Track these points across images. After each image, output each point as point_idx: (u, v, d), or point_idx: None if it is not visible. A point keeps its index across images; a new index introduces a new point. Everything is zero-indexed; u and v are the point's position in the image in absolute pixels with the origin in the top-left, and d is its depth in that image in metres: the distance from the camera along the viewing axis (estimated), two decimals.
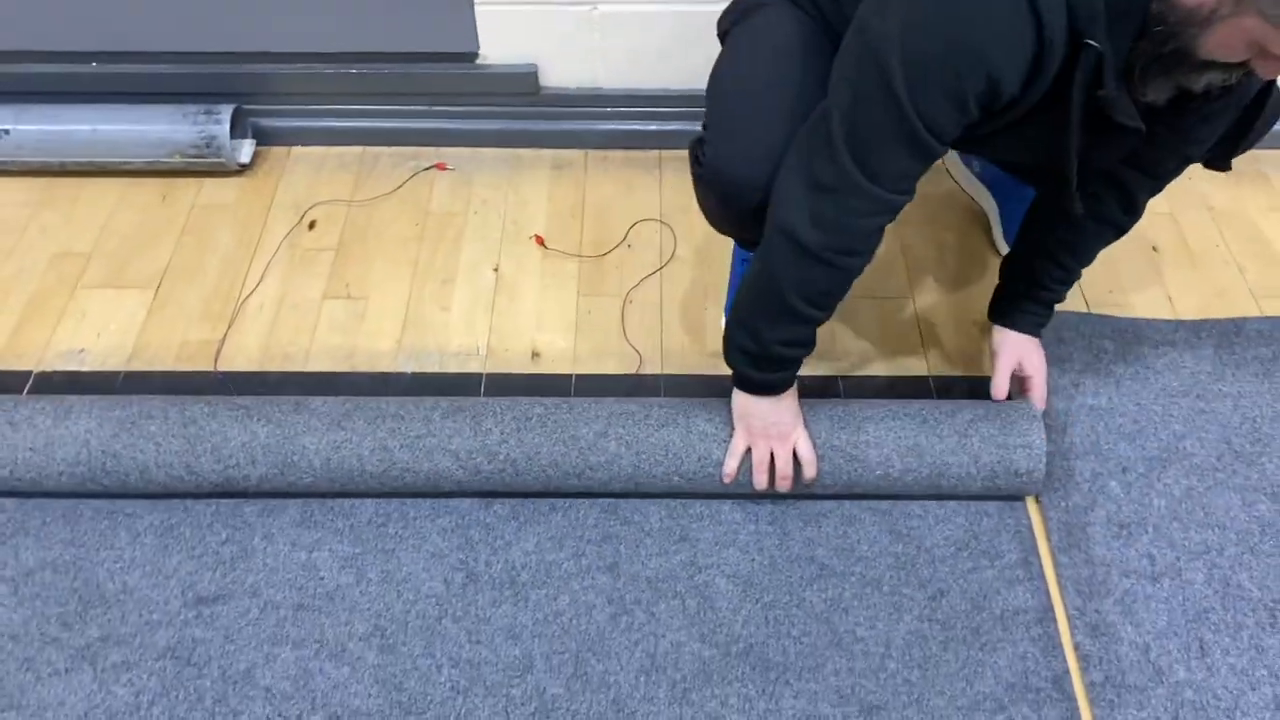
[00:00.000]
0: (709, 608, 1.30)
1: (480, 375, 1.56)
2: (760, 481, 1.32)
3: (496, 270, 1.72)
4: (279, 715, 1.21)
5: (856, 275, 1.18)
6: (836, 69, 1.10)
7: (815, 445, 1.32)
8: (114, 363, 1.57)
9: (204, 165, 1.83)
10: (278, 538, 1.36)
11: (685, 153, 1.32)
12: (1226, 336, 1.59)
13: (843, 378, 1.56)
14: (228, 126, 1.80)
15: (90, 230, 1.77)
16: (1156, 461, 1.44)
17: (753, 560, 1.34)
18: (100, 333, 1.62)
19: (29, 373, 1.55)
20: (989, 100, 1.03)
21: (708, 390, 1.53)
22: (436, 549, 1.35)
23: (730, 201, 1.27)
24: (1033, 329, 1.42)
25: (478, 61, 1.84)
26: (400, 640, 1.27)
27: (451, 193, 1.85)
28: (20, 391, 1.52)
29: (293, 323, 1.63)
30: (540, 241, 1.75)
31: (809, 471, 1.32)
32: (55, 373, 1.56)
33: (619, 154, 1.90)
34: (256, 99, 1.88)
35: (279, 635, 1.27)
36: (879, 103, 1.03)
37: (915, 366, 1.57)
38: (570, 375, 1.56)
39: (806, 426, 1.32)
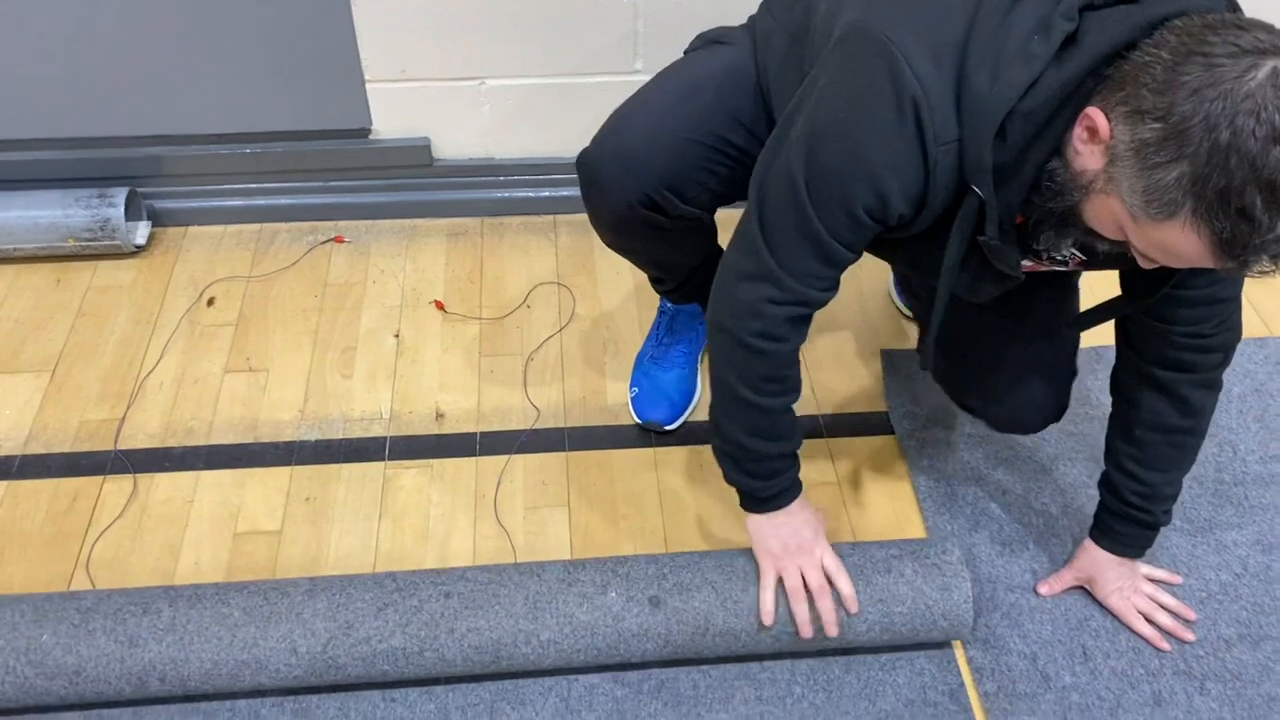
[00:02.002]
0: None
1: (384, 439, 1.59)
2: (802, 613, 1.25)
3: (397, 336, 1.75)
4: None
5: (788, 359, 1.18)
6: (759, 162, 1.12)
7: (840, 557, 1.28)
8: (10, 447, 1.56)
9: (99, 249, 1.83)
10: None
11: (581, 217, 1.36)
12: (1090, 363, 1.70)
13: None
14: (122, 209, 1.82)
15: None
16: (1033, 483, 1.53)
17: None
18: None
19: None
20: (880, 216, 1.04)
21: (610, 439, 1.59)
22: None
23: (595, 198, 1.31)
24: (1121, 549, 1.35)
25: (371, 137, 1.89)
26: (314, 703, 1.27)
27: (349, 264, 1.88)
28: None
29: (194, 398, 1.64)
30: (440, 307, 1.80)
31: (841, 582, 1.26)
32: None
33: (514, 220, 1.97)
34: (151, 181, 1.90)
35: (188, 706, 1.26)
36: (787, 203, 1.06)
37: (804, 406, 1.64)
38: (475, 433, 1.60)
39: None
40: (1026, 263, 1.11)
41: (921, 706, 1.29)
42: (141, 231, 1.88)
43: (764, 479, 1.24)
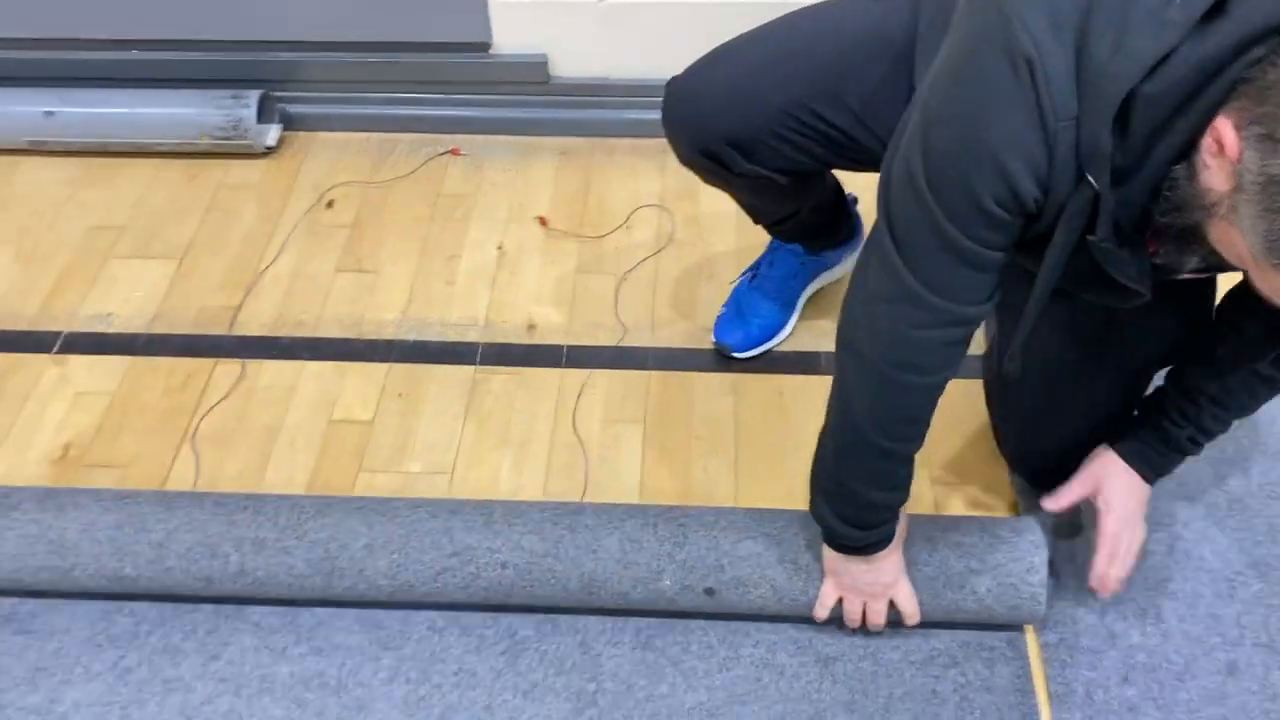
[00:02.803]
0: None
1: (477, 345, 1.64)
2: (853, 625, 1.26)
3: (500, 248, 1.79)
4: (265, 646, 1.29)
5: (932, 397, 1.05)
6: (883, 163, 1.00)
7: (915, 592, 1.22)
8: (138, 325, 1.68)
9: (231, 147, 1.93)
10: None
11: None
12: None
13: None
14: (254, 111, 1.91)
15: (123, 206, 1.88)
16: None
17: None
18: (127, 299, 1.72)
19: (59, 333, 1.66)
20: (1012, 205, 0.89)
21: (692, 362, 1.60)
22: None
23: (666, 130, 1.29)
24: (1136, 460, 1.23)
25: (490, 51, 1.92)
26: None
27: (464, 176, 1.93)
28: (51, 349, 1.64)
29: (306, 293, 1.73)
30: (544, 223, 1.83)
31: (910, 622, 1.23)
32: (83, 334, 1.67)
33: (625, 142, 1.97)
34: (283, 86, 1.98)
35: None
36: (913, 207, 0.94)
37: None
38: (563, 346, 1.63)
39: (907, 572, 1.21)
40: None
41: (976, 649, 1.27)
42: (272, 134, 1.97)
43: (862, 529, 1.14)
